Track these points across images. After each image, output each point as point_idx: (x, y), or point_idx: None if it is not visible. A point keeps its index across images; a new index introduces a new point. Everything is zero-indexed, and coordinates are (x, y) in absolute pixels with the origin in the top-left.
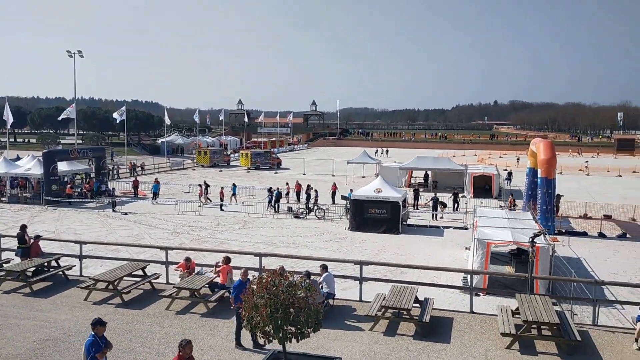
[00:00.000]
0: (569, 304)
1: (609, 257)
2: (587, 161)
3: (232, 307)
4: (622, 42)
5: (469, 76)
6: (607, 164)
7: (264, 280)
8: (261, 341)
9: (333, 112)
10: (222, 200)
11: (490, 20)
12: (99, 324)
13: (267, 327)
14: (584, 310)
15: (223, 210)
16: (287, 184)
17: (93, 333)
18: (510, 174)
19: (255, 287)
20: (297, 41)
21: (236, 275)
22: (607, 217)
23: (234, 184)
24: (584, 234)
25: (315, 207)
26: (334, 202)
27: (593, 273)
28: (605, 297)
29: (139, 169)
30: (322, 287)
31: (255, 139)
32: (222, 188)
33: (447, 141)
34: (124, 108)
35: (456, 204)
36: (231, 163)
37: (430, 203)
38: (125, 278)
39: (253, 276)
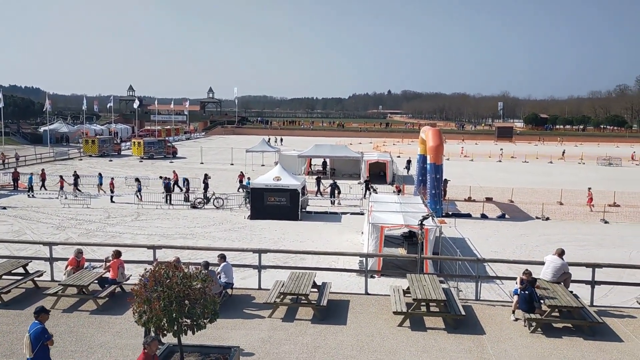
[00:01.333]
0: (455, 281)
1: (490, 236)
2: (502, 149)
3: None
4: (501, 38)
5: (365, 66)
6: (489, 150)
7: (156, 273)
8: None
9: (231, 100)
10: (112, 191)
11: (382, 14)
12: (42, 311)
13: (160, 322)
14: (468, 286)
15: (114, 202)
16: (161, 177)
17: (38, 321)
18: (409, 161)
19: (147, 280)
20: (193, 25)
21: (128, 270)
22: (489, 200)
23: (99, 174)
24: (468, 216)
25: (214, 197)
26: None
27: (476, 251)
28: (487, 274)
29: (13, 160)
30: (220, 277)
31: (149, 127)
32: (113, 179)
33: (344, 129)
34: None
35: (368, 192)
36: (122, 152)
37: (329, 190)
38: (4, 277)
39: (145, 269)
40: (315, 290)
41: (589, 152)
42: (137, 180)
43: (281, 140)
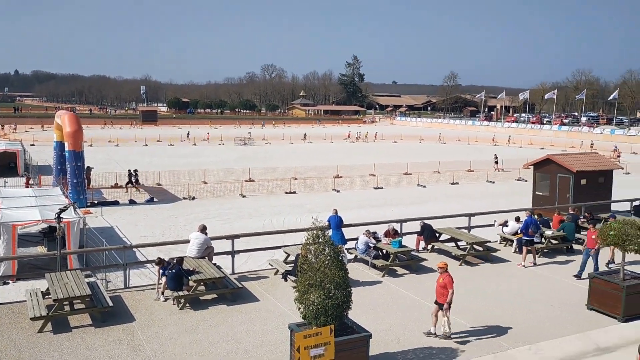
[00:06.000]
0: (103, 273)
1: (139, 221)
2: (188, 133)
3: None
4: (138, 24)
5: None
6: (134, 134)
7: None
8: None
9: None
10: None
11: None
12: None
13: None
14: (118, 275)
15: None
16: None
17: None
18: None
19: None
20: None
21: None
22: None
23: None
24: (116, 203)
25: None
26: None
27: (125, 239)
28: (137, 260)
29: None
30: None
31: None
32: None
33: None
34: None
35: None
36: None
37: None
38: None
39: None
40: None
41: (227, 134)
42: None
43: None
